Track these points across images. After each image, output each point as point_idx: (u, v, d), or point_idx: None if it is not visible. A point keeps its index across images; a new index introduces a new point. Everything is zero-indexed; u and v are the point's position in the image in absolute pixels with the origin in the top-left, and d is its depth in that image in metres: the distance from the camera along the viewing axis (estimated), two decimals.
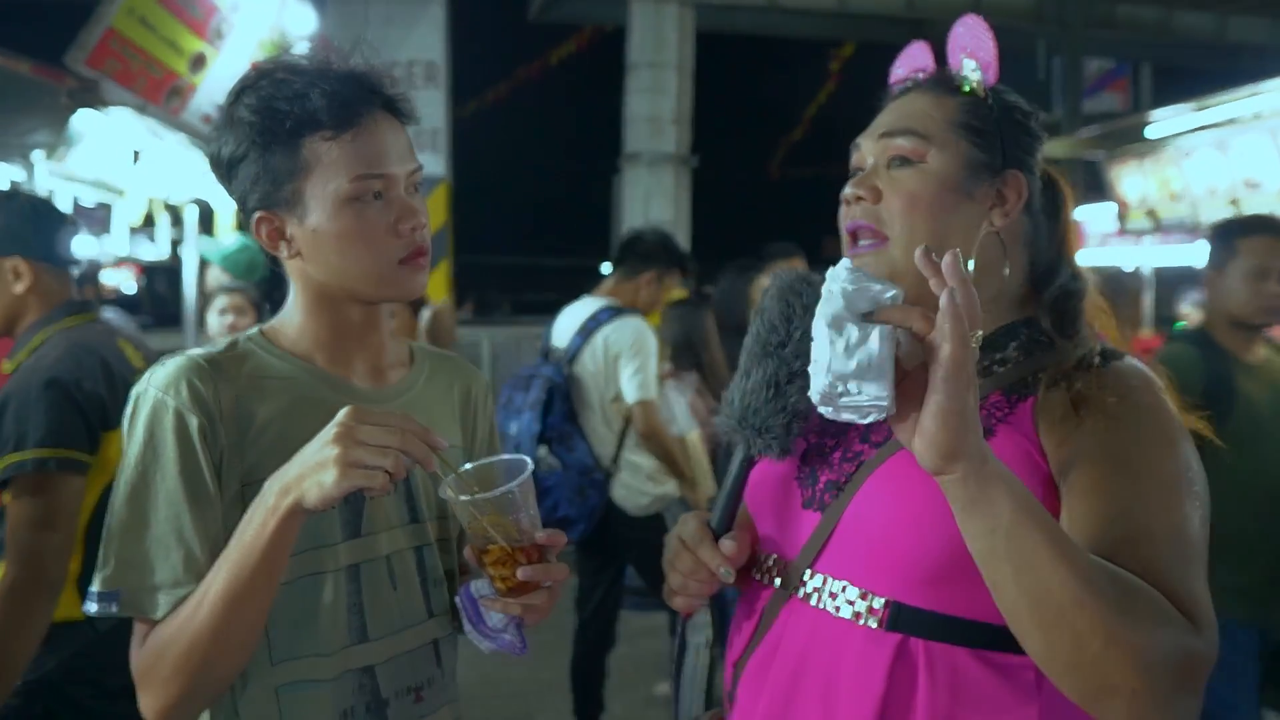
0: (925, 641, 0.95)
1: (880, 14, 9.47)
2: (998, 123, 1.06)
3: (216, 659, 1.00)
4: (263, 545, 0.96)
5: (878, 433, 1.04)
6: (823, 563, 1.02)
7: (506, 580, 1.04)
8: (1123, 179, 6.33)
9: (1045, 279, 1.09)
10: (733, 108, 16.79)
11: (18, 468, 1.71)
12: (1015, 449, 0.96)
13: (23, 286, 1.86)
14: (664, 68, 8.26)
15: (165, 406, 1.04)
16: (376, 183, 1.07)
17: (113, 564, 1.03)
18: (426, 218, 1.13)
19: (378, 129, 1.09)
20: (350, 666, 1.09)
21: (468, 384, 1.30)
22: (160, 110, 4.55)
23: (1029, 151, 1.08)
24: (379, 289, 1.11)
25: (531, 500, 1.04)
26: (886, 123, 1.08)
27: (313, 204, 1.07)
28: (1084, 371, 0.98)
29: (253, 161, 1.08)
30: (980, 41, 1.09)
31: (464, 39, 8.69)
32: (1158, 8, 10.04)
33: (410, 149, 1.13)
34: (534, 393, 3.16)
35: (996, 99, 1.08)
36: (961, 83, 1.08)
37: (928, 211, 1.02)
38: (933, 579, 0.95)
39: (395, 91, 1.12)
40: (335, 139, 1.06)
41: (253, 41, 5.53)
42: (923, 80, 1.11)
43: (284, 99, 1.06)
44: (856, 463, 1.03)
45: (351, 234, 1.07)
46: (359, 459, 0.92)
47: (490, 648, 1.11)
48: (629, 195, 8.30)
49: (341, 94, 1.06)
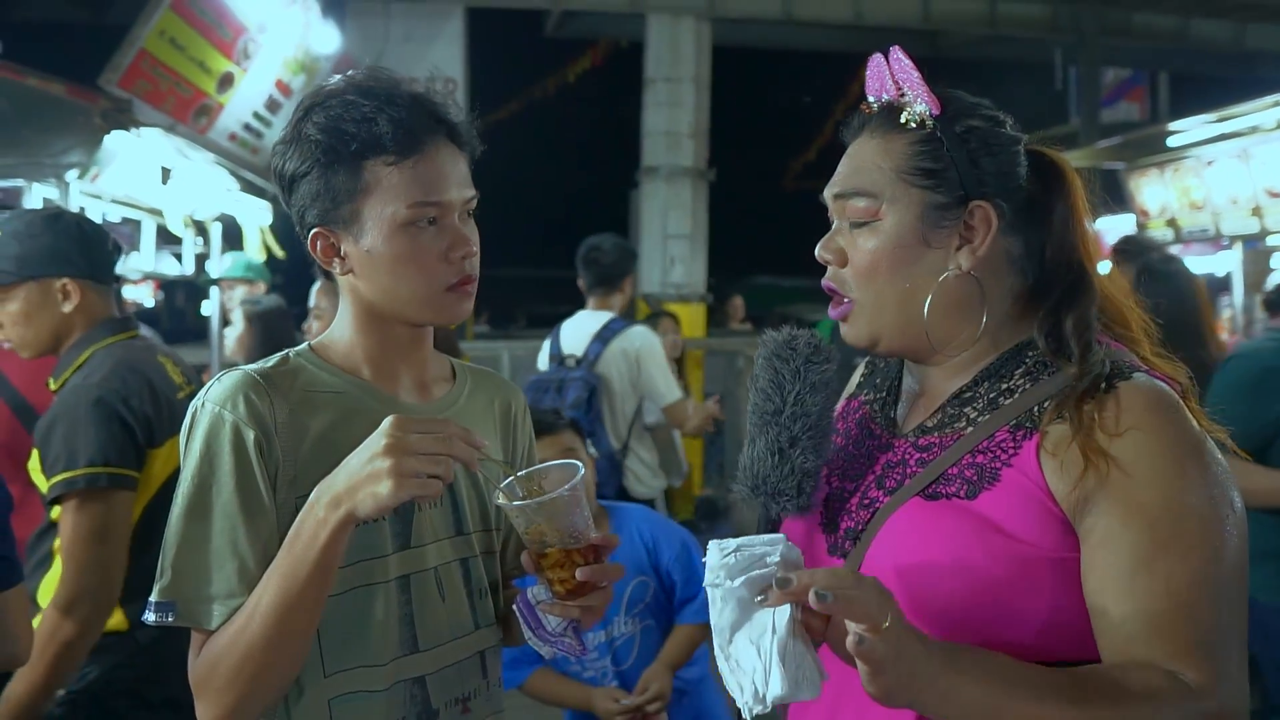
0: None
1: (896, 26, 9.47)
2: (950, 156, 1.01)
3: (269, 669, 1.02)
4: (314, 556, 0.98)
5: (891, 479, 1.04)
6: None
7: (565, 583, 1.06)
8: (1143, 189, 6.31)
9: (1044, 293, 1.03)
10: (749, 121, 16.81)
11: (69, 485, 1.73)
12: (1022, 495, 0.94)
13: (71, 306, 1.89)
14: (681, 82, 8.29)
15: (222, 421, 1.06)
16: (432, 210, 1.10)
17: (169, 575, 1.05)
18: (478, 245, 1.16)
19: (438, 157, 1.11)
20: (402, 677, 1.11)
21: (508, 399, 1.32)
22: (188, 129, 4.62)
23: (997, 169, 1.02)
24: (425, 313, 1.14)
25: (584, 502, 1.05)
26: (841, 180, 1.07)
27: (369, 225, 1.10)
28: (1089, 399, 0.94)
29: (315, 179, 1.10)
30: (905, 71, 1.03)
31: (482, 55, 8.77)
32: (1174, 16, 9.99)
33: (468, 177, 1.15)
34: (573, 394, 3.45)
35: (945, 126, 1.01)
36: (906, 121, 1.03)
37: (889, 272, 1.02)
38: (950, 621, 0.94)
39: (459, 120, 1.15)
40: (397, 164, 1.08)
41: (278, 60, 5.61)
42: (872, 119, 1.07)
43: (352, 121, 1.08)
44: (872, 510, 1.03)
45: (404, 257, 1.10)
46: (412, 468, 0.95)
47: (550, 652, 1.13)
48: (647, 209, 8.32)
49: (407, 121, 1.08)
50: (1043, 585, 0.92)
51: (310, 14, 5.88)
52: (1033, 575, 0.92)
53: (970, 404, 1.03)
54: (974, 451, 0.98)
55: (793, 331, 1.09)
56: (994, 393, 1.01)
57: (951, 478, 0.98)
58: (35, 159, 3.39)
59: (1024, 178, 1.03)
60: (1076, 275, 1.02)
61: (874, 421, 1.13)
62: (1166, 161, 5.98)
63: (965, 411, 1.02)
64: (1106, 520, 0.90)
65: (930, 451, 1.02)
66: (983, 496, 0.95)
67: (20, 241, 1.85)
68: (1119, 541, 0.89)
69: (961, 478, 0.97)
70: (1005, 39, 10.16)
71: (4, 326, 1.89)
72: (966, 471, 0.97)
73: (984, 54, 10.98)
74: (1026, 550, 0.92)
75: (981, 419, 1.00)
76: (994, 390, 1.02)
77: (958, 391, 1.04)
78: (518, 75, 12.84)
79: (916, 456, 1.03)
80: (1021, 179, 1.03)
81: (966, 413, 1.02)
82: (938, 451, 1.01)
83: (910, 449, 1.05)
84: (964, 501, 0.95)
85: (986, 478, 0.96)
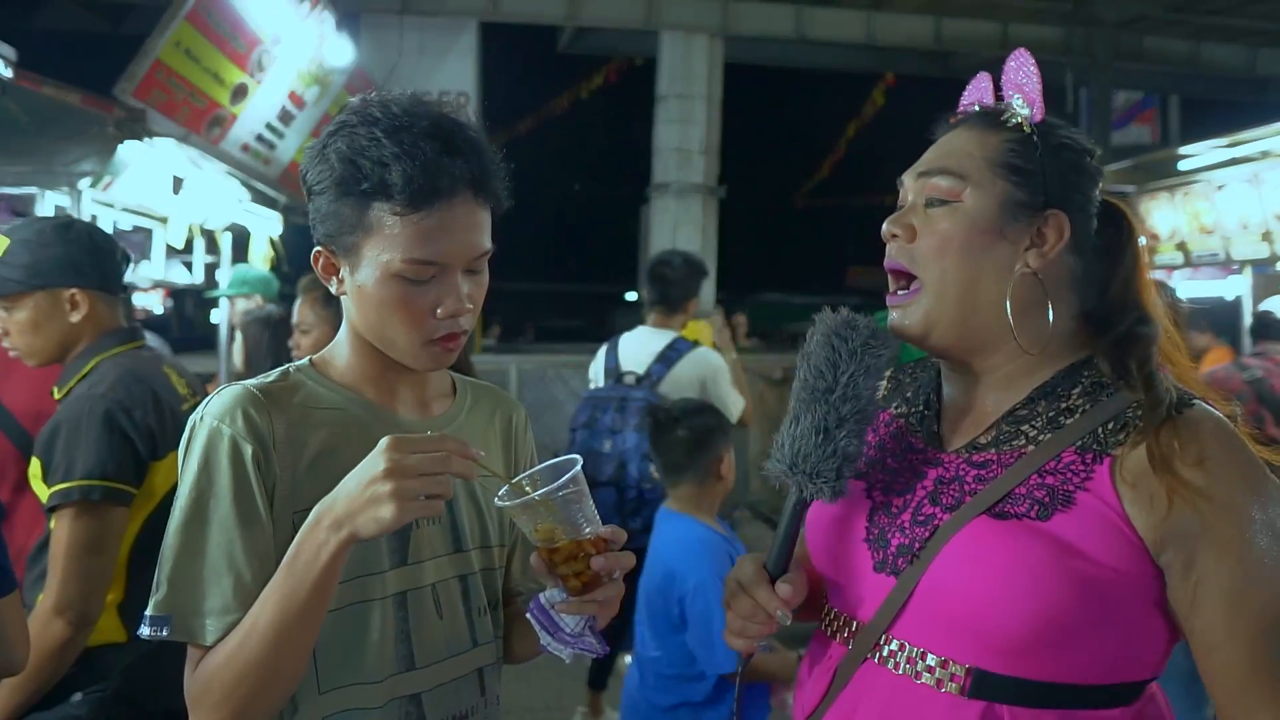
0: (1010, 707, 0.94)
1: (908, 46, 9.51)
2: (1042, 160, 1.04)
3: (265, 687, 1.01)
4: (314, 578, 0.98)
5: (947, 495, 1.03)
6: (900, 628, 1.01)
7: (580, 575, 1.05)
8: (1153, 212, 6.30)
9: (1104, 322, 1.05)
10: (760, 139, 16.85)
11: (63, 496, 1.73)
12: (1099, 520, 0.94)
13: (79, 315, 1.89)
14: (693, 99, 8.34)
15: (221, 435, 1.06)
16: (430, 270, 1.07)
17: (165, 588, 1.05)
18: (476, 302, 1.12)
19: (451, 214, 1.06)
20: (398, 694, 1.10)
21: (509, 414, 1.32)
22: (201, 140, 4.66)
23: (1079, 189, 1.05)
24: (403, 358, 1.12)
25: (587, 497, 1.05)
26: (928, 160, 1.08)
27: (365, 263, 1.08)
28: (1162, 427, 0.94)
29: (327, 201, 1.08)
30: (1027, 76, 1.07)
31: (496, 70, 8.82)
32: (1186, 41, 10.02)
33: (484, 230, 1.11)
34: (636, 416, 3.36)
35: (1044, 135, 1.05)
36: (1008, 119, 1.06)
37: (959, 253, 1.03)
38: (1015, 649, 0.94)
39: (483, 172, 1.09)
40: (403, 215, 1.04)
41: (292, 72, 5.65)
42: (971, 115, 1.10)
43: (369, 160, 1.04)
44: (929, 527, 1.01)
45: (391, 304, 1.08)
46: (413, 491, 0.95)
47: (570, 654, 1.11)
48: (657, 224, 8.35)
49: (422, 175, 1.03)
50: (1117, 610, 0.93)
51: (324, 27, 5.93)
52: (1108, 599, 0.92)
53: (1028, 421, 1.03)
54: (1041, 472, 0.97)
55: (852, 314, 1.06)
56: (1053, 411, 1.01)
57: (1020, 497, 0.97)
58: (49, 167, 3.41)
59: (1097, 208, 1.07)
60: (1143, 314, 1.04)
61: (912, 435, 1.13)
62: (1177, 185, 5.96)
63: (1024, 429, 1.02)
64: (1201, 556, 0.92)
65: (989, 469, 1.01)
66: (1056, 518, 0.94)
67: (30, 251, 1.85)
68: (1216, 578, 0.91)
69: (1031, 498, 0.96)
70: None
71: (11, 335, 1.89)
72: (1036, 492, 0.96)
73: (996, 75, 10.97)
74: (1105, 574, 0.92)
75: (1043, 438, 1.00)
76: (1053, 409, 1.02)
77: (1012, 409, 1.04)
78: (531, 90, 12.92)
79: (974, 474, 1.02)
80: (1095, 208, 1.07)
81: (1025, 430, 1.02)
82: (997, 470, 1.01)
83: (964, 465, 1.04)
84: (1037, 523, 0.95)
85: (1059, 500, 0.95)
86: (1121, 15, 9.36)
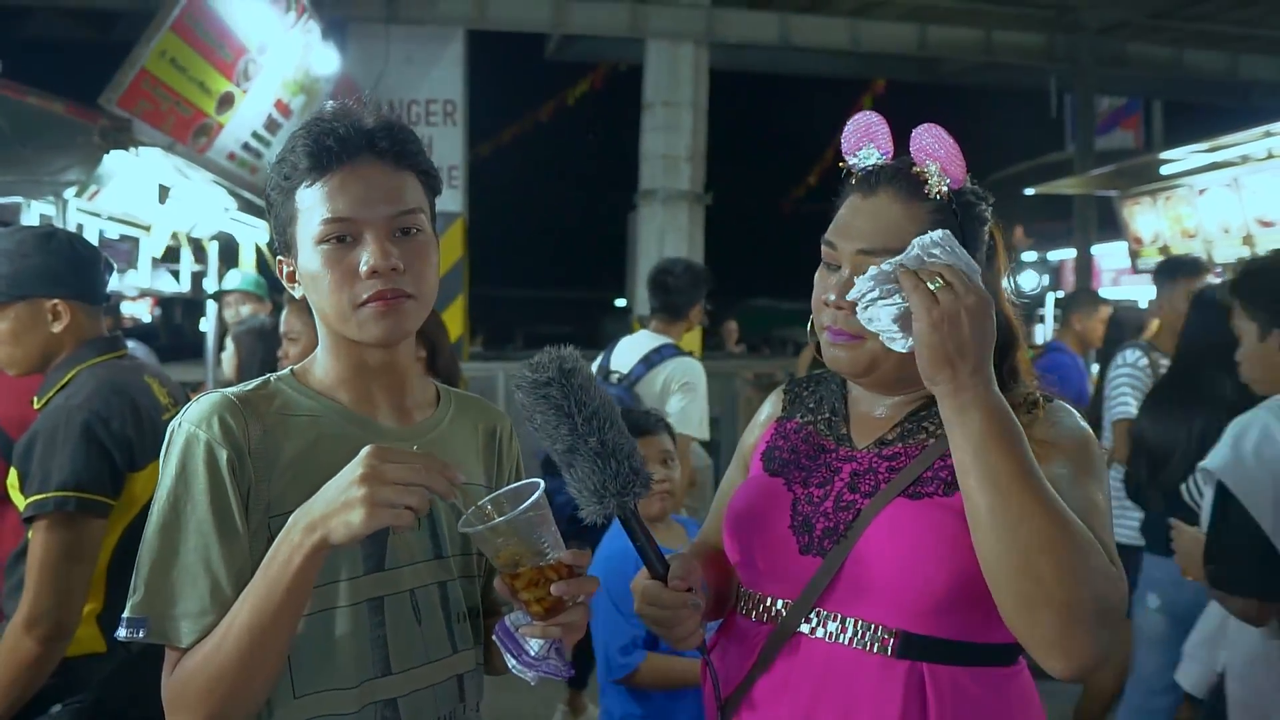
0: (931, 665, 1.10)
1: (893, 53, 9.55)
2: (962, 226, 1.16)
3: (240, 690, 1.02)
4: (287, 580, 0.99)
5: (864, 484, 1.19)
6: (829, 601, 1.16)
7: (542, 601, 1.07)
8: (1136, 216, 6.35)
9: None
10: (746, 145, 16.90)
11: (39, 507, 1.73)
12: None
13: (60, 326, 1.89)
14: (679, 106, 8.35)
15: (197, 440, 1.07)
16: (341, 226, 1.10)
17: (142, 591, 1.06)
18: (412, 265, 1.12)
19: (355, 174, 1.11)
20: (373, 699, 1.11)
21: (493, 424, 1.33)
22: (187, 149, 4.65)
23: (978, 236, 1.20)
24: (347, 329, 1.13)
25: (550, 521, 1.06)
26: (868, 236, 1.16)
27: (301, 247, 1.14)
28: (1023, 414, 1.12)
29: (273, 211, 1.16)
30: (940, 144, 1.15)
31: (482, 77, 8.83)
32: (1169, 46, 10.09)
33: (401, 193, 1.13)
34: None
35: (959, 202, 1.16)
36: (929, 190, 1.15)
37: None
38: (936, 609, 1.10)
39: (385, 133, 1.13)
40: (314, 184, 1.11)
41: (278, 81, 5.65)
42: (896, 180, 1.17)
43: (289, 152, 1.13)
44: (852, 511, 1.17)
45: (318, 274, 1.12)
46: (386, 498, 0.96)
47: (535, 677, 1.12)
48: (644, 232, 8.36)
49: (322, 142, 1.10)
50: None
51: (311, 36, 5.93)
52: None
53: (927, 419, 1.21)
54: (943, 457, 1.14)
55: (526, 363, 1.14)
56: (923, 434, 1.20)
57: (928, 480, 1.15)
58: (34, 177, 3.41)
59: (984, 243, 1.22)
60: (1004, 324, 1.19)
61: (823, 438, 1.29)
62: (1159, 190, 6.02)
63: (925, 426, 1.21)
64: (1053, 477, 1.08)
65: (898, 460, 1.19)
66: (957, 494, 1.07)
67: (11, 261, 1.85)
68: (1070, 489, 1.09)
69: (938, 479, 1.15)
70: (1001, 67, 10.24)
71: None
72: (941, 473, 1.15)
73: (980, 81, 11.05)
74: None
75: (940, 432, 1.14)
76: (923, 433, 1.20)
77: (913, 412, 1.23)
78: (517, 98, 12.94)
79: (885, 465, 1.19)
80: (986, 240, 1.23)
81: (926, 427, 1.21)
82: (905, 460, 1.18)
83: (876, 459, 1.21)
84: (944, 499, 1.13)
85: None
86: (1104, 21, 9.42)
